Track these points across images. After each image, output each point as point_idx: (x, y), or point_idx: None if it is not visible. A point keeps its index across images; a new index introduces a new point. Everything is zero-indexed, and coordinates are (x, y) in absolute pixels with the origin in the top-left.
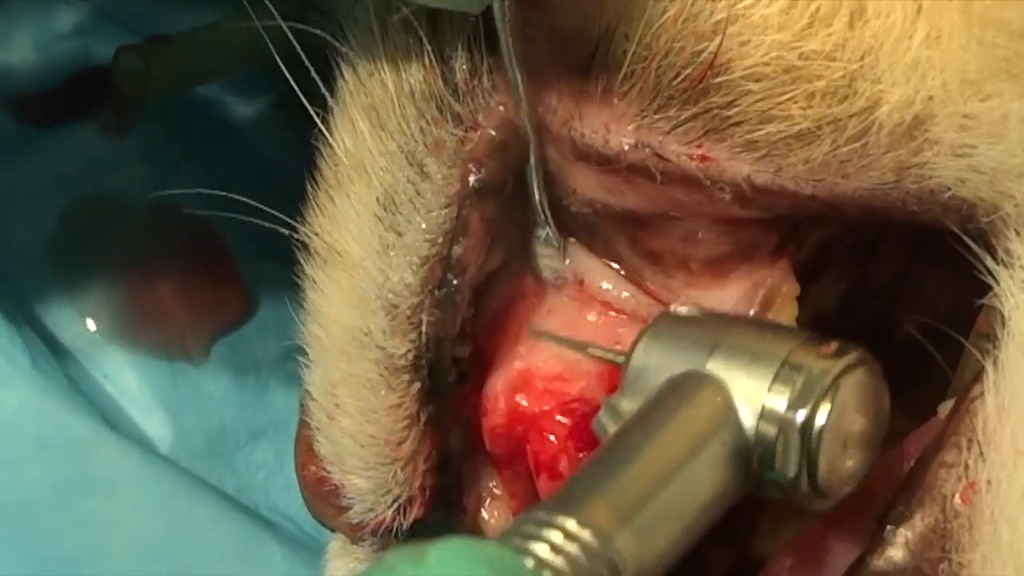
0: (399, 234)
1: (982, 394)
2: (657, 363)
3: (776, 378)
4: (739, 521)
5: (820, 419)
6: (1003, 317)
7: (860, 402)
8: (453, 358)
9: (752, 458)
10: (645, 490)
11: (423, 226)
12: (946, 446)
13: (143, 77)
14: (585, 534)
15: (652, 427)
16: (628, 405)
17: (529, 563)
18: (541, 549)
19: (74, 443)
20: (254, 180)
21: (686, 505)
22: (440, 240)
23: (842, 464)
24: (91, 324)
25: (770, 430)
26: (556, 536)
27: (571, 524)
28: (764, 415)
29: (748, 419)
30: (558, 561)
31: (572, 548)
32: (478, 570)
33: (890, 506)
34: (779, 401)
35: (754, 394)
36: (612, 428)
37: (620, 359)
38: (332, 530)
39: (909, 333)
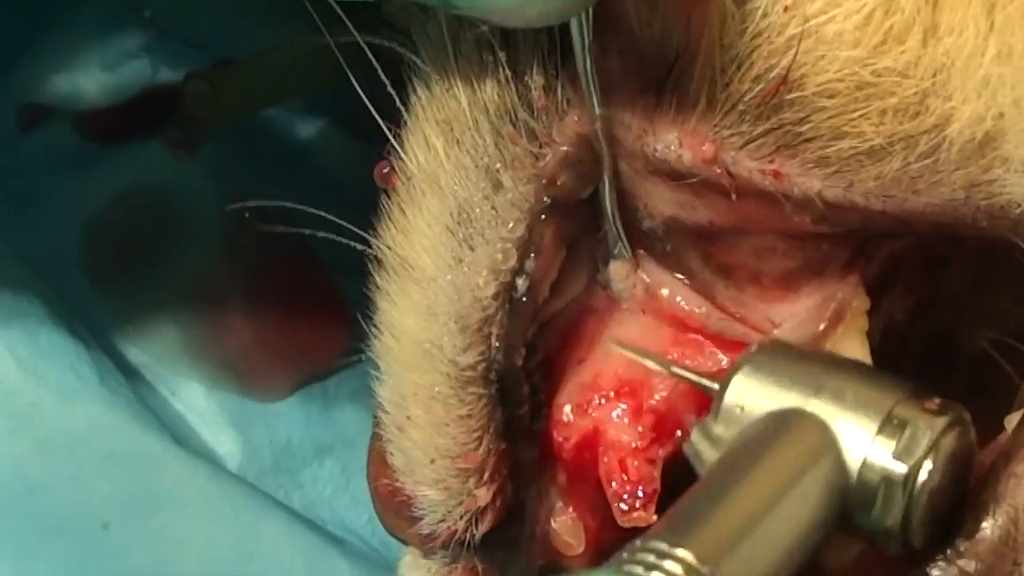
0: (472, 248)
1: None
2: (756, 395)
3: (881, 428)
4: None
5: (923, 475)
6: None
7: (954, 460)
8: (524, 370)
9: (848, 499)
10: (752, 523)
11: (497, 240)
12: (1016, 457)
13: (211, 102)
14: (705, 569)
15: (757, 458)
16: (723, 431)
17: None
18: None
19: (143, 459)
20: (325, 197)
21: (786, 538)
22: (513, 254)
23: (930, 517)
24: (158, 344)
25: (873, 478)
26: (676, 568)
27: (690, 558)
28: (867, 463)
29: (849, 463)
30: None
31: None
32: None
33: (960, 517)
34: (884, 452)
35: (858, 441)
36: (707, 452)
37: (709, 383)
38: (404, 542)
39: (977, 346)
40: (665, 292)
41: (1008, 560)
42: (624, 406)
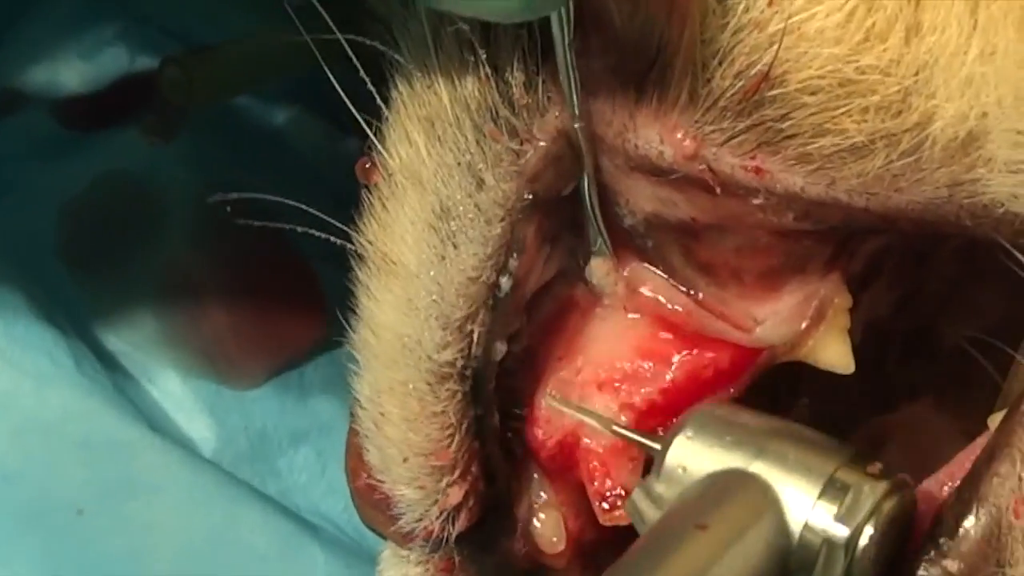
0: (455, 246)
1: None
2: (698, 456)
3: (824, 492)
4: None
5: (864, 539)
6: None
7: (897, 525)
8: (500, 367)
9: (790, 561)
10: None
11: (480, 238)
12: (999, 457)
13: (186, 88)
14: None
15: (700, 518)
16: (664, 491)
17: None
18: None
19: (118, 446)
20: (301, 184)
21: None
22: (496, 251)
23: None
24: (135, 331)
25: (814, 540)
26: None
27: None
28: (808, 526)
29: (792, 525)
30: None
31: None
32: None
33: (943, 517)
34: (825, 515)
35: (800, 503)
36: (649, 512)
37: (650, 443)
38: (383, 537)
39: (958, 342)
40: (646, 289)
41: (991, 560)
42: (606, 404)
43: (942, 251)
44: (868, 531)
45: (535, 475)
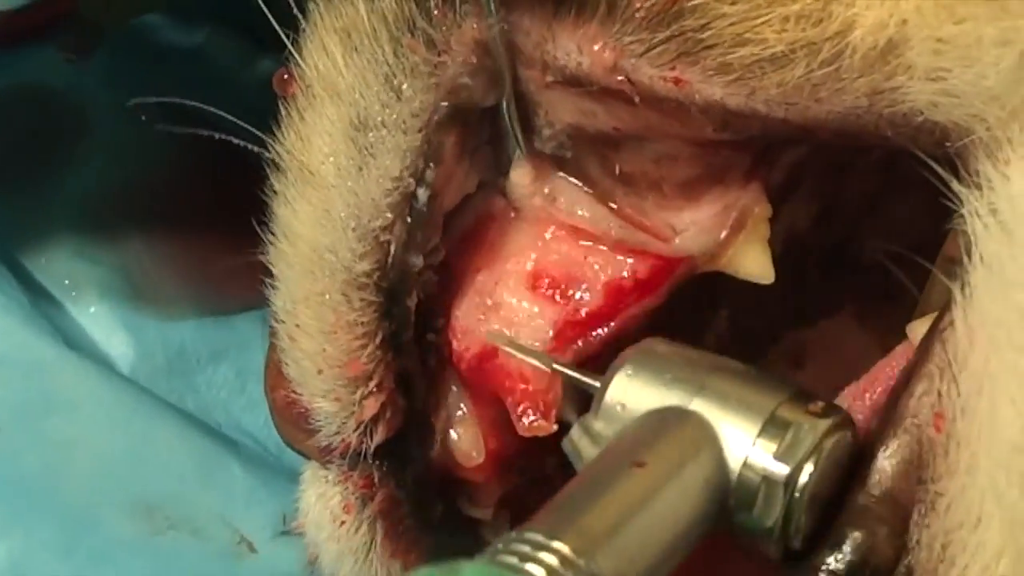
0: (373, 156)
1: (952, 322)
2: (638, 394)
3: (763, 430)
4: None
5: (804, 476)
6: (971, 241)
7: (836, 464)
8: (419, 280)
9: (729, 499)
10: (630, 517)
11: (397, 149)
12: (918, 375)
13: (103, 3)
14: (580, 561)
15: (637, 455)
16: (603, 428)
17: None
18: (538, 572)
19: (34, 363)
20: (220, 103)
21: (665, 535)
22: (414, 162)
23: (810, 519)
24: (52, 248)
25: (753, 478)
26: (552, 560)
27: (565, 549)
28: (748, 463)
29: (731, 462)
30: None
31: (568, 574)
32: None
33: (867, 437)
34: (765, 453)
35: (739, 441)
36: (587, 449)
37: (590, 381)
38: (303, 455)
39: (877, 254)
40: (565, 200)
41: (913, 477)
42: (524, 315)
43: (861, 164)
44: (808, 469)
45: (453, 388)
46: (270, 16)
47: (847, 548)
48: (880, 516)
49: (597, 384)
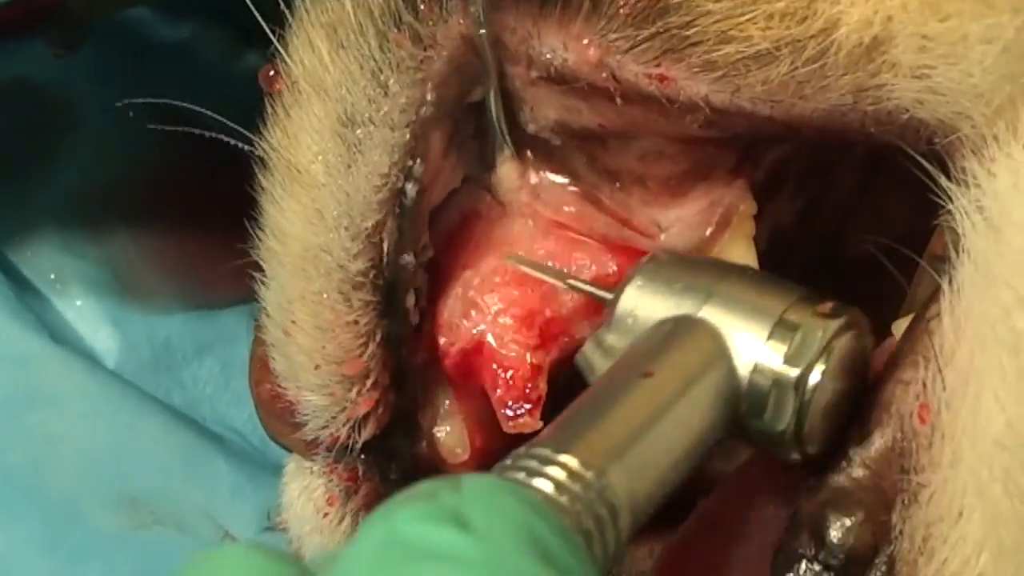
0: (361, 152)
1: (939, 314)
2: (648, 304)
3: (772, 333)
4: None
5: (814, 378)
6: (958, 237)
7: (849, 364)
8: (412, 276)
9: (740, 405)
10: (639, 429)
11: (385, 144)
12: (903, 364)
13: None
14: (589, 475)
15: (646, 366)
16: (615, 341)
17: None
18: (546, 486)
19: (20, 357)
20: (206, 99)
21: (676, 445)
22: (402, 158)
23: (825, 422)
24: (38, 242)
25: (763, 382)
26: (559, 474)
27: (573, 463)
28: (758, 368)
29: (741, 368)
30: (564, 500)
31: (576, 487)
32: (505, 496)
33: (850, 424)
34: (775, 356)
35: (749, 345)
36: (600, 362)
37: (604, 294)
38: (286, 448)
39: (863, 250)
40: (551, 196)
41: (896, 467)
42: (511, 311)
43: (846, 160)
44: (819, 370)
45: (440, 384)
46: (255, 11)
47: (829, 531)
48: (862, 502)
49: (609, 296)
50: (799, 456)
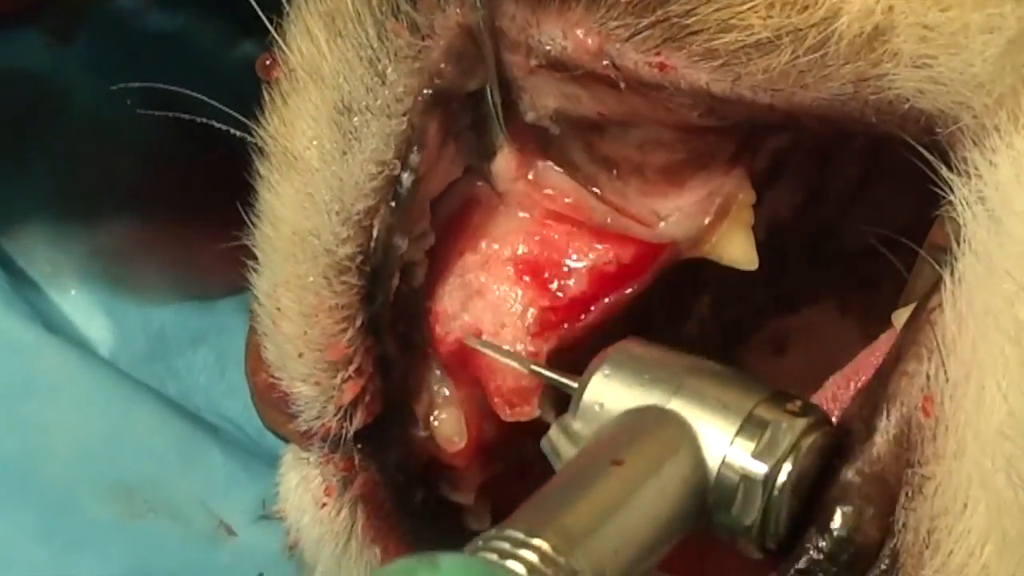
0: (357, 140)
1: (940, 305)
2: (616, 393)
3: (742, 429)
4: None
5: (783, 475)
6: (960, 228)
7: (815, 462)
8: (403, 263)
9: (708, 499)
10: (610, 515)
11: (381, 133)
12: (906, 356)
13: None
14: (560, 559)
15: (616, 453)
16: (581, 428)
17: None
18: (519, 568)
19: (14, 346)
20: (201, 88)
21: (646, 534)
22: (398, 147)
23: (789, 519)
24: (32, 231)
25: (732, 477)
26: (532, 557)
27: (546, 547)
28: (726, 462)
29: (710, 461)
30: None
31: (548, 571)
32: None
33: (853, 418)
34: (743, 452)
35: (717, 440)
36: (565, 449)
37: (568, 382)
38: (283, 439)
39: (862, 241)
40: (549, 185)
41: (902, 460)
42: (507, 300)
43: (846, 150)
44: (787, 468)
45: (437, 373)
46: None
47: (835, 525)
48: (868, 495)
49: (575, 385)
50: (760, 549)
